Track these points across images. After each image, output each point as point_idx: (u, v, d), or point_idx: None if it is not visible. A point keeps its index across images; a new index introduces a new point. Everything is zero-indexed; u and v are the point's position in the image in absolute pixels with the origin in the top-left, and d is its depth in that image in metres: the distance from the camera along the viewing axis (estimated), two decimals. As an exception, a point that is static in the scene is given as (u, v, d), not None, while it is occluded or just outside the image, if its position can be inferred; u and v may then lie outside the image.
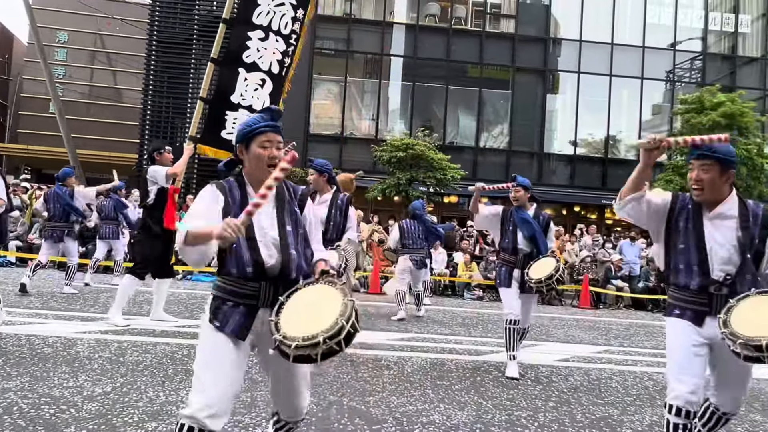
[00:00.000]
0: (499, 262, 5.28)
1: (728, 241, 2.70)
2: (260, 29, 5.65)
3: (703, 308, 2.70)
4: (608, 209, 20.34)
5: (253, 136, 2.30)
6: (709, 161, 2.67)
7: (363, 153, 19.51)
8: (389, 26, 20.59)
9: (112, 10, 24.18)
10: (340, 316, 1.97)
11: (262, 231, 2.26)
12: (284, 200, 2.35)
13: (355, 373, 4.57)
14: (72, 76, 26.18)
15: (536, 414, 3.83)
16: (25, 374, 3.80)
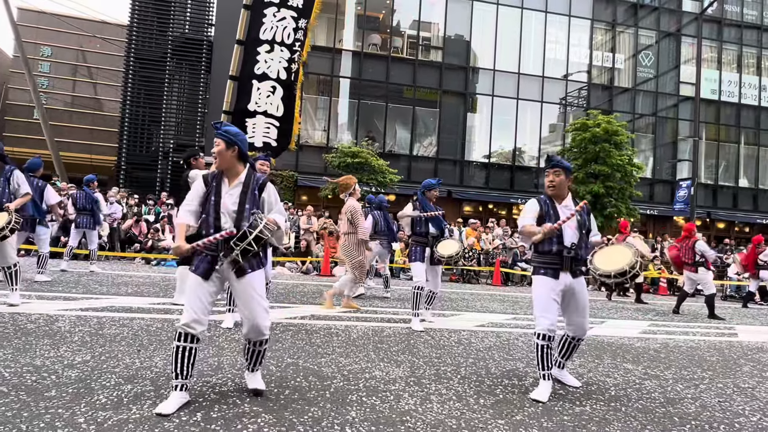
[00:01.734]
0: (414, 243, 5.61)
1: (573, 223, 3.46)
2: (266, 43, 5.53)
3: (558, 266, 3.41)
4: (515, 206, 21.00)
5: None
6: (559, 169, 3.51)
7: (316, 159, 19.27)
8: (339, 52, 20.37)
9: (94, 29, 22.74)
10: (247, 227, 2.73)
11: (225, 207, 2.81)
12: (248, 187, 2.85)
13: (309, 339, 4.49)
14: (55, 86, 24.47)
15: (459, 368, 3.88)
16: (8, 347, 3.51)
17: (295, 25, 5.65)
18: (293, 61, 5.70)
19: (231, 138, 2.82)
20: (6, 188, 5.11)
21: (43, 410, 2.48)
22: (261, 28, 5.57)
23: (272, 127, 5.75)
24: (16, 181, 5.15)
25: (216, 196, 2.82)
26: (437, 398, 3.13)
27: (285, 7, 5.51)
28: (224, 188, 2.84)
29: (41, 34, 23.66)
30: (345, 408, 2.84)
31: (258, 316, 2.82)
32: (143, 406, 2.63)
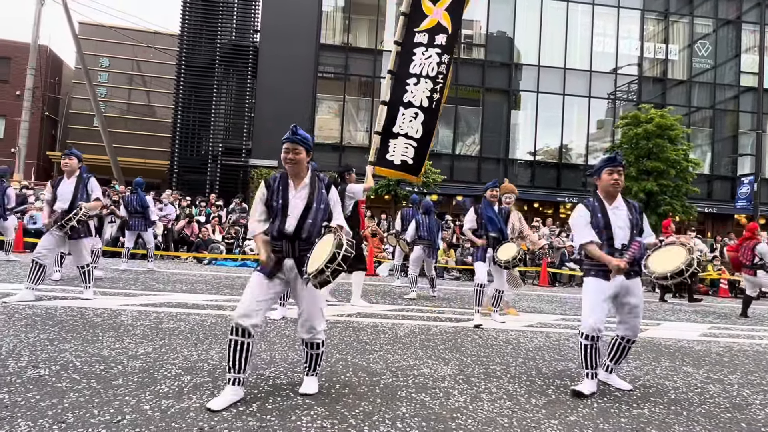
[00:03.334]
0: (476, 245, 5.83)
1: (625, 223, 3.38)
2: (414, 77, 6.26)
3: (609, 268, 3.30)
4: (562, 205, 20.44)
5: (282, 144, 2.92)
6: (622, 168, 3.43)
7: (359, 159, 19.43)
8: (380, 53, 20.49)
9: (148, 39, 23.87)
10: (333, 247, 2.60)
11: (294, 208, 2.87)
12: (315, 188, 2.93)
13: (357, 336, 4.54)
14: (113, 95, 25.81)
15: (508, 368, 3.83)
16: (78, 338, 3.74)
17: (439, 60, 6.27)
18: (435, 90, 6.32)
19: (309, 145, 2.94)
20: (83, 193, 5.43)
21: (112, 397, 2.64)
22: (411, 64, 6.26)
23: (410, 147, 6.40)
24: (92, 187, 5.49)
25: (283, 200, 2.86)
26: (487, 396, 3.10)
27: (432, 47, 6.24)
28: (291, 192, 2.89)
29: (100, 46, 25.02)
30: (395, 403, 2.87)
31: (314, 316, 2.90)
32: (202, 396, 2.75)
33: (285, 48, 19.23)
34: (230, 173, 20.11)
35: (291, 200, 2.87)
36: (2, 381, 2.74)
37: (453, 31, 6.35)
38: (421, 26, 6.28)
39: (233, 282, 8.05)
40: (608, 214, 3.39)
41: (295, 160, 2.88)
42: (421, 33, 6.27)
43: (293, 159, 2.88)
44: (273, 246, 2.87)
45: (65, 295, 5.50)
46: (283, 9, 19.57)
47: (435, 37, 6.27)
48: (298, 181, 2.93)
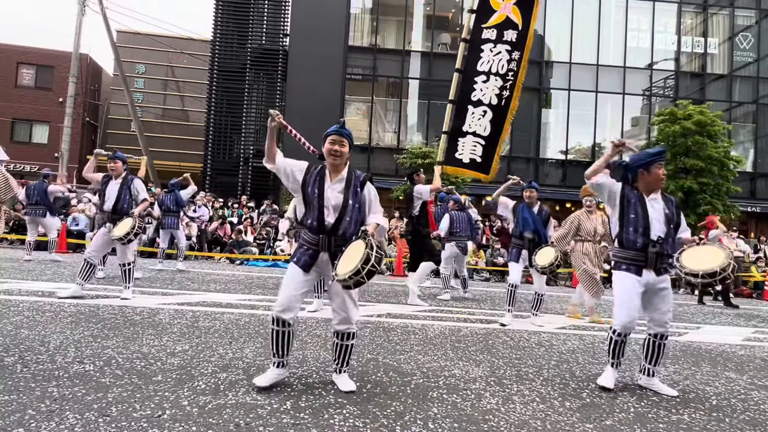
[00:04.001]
0: (512, 245, 5.83)
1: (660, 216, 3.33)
2: (483, 74, 6.27)
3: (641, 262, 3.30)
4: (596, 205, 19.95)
5: (327, 136, 3.03)
6: None
7: (387, 160, 19.51)
8: (407, 54, 20.50)
9: (181, 45, 24.55)
10: (360, 261, 2.67)
11: (329, 201, 2.94)
12: (351, 183, 3.00)
13: (387, 336, 4.56)
14: (148, 100, 26.64)
15: (541, 370, 3.78)
16: (119, 336, 3.89)
17: (509, 57, 6.26)
18: (505, 88, 6.31)
19: (352, 141, 3.08)
20: (127, 195, 5.65)
21: (152, 392, 2.73)
22: (479, 61, 6.26)
23: (479, 145, 6.46)
24: (136, 188, 5.71)
25: (319, 190, 2.95)
26: (520, 399, 3.07)
27: (501, 42, 6.18)
28: (327, 183, 2.97)
29: (136, 53, 25.87)
30: (426, 404, 2.87)
31: (349, 308, 2.99)
32: (238, 393, 2.82)
33: (314, 50, 19.45)
34: (261, 175, 20.46)
35: (326, 190, 2.95)
36: (51, 375, 2.88)
37: (524, 27, 6.25)
38: (489, 22, 6.19)
39: (265, 282, 8.19)
40: (646, 205, 3.35)
41: (340, 152, 2.97)
42: (490, 29, 6.21)
43: (338, 151, 2.97)
44: (309, 239, 2.96)
45: (107, 294, 5.73)
46: (311, 12, 19.80)
47: (504, 32, 6.19)
48: (335, 175, 3.01)
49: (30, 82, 24.49)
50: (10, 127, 23.81)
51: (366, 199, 3.05)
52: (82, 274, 5.36)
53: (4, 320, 4.11)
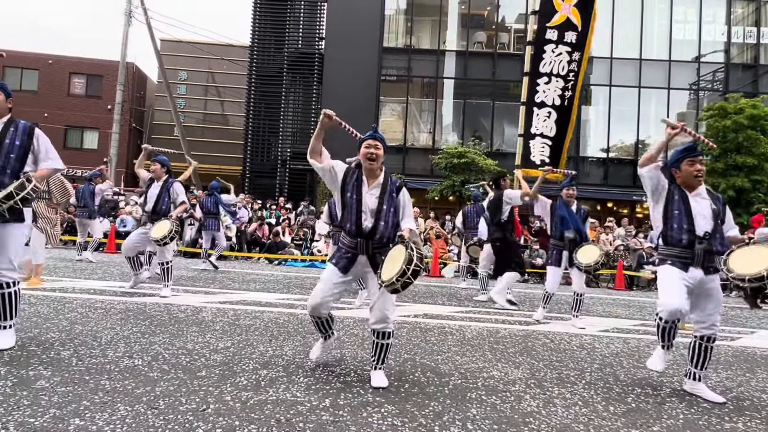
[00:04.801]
0: (551, 246, 5.64)
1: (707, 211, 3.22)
2: (545, 76, 6.35)
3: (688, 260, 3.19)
4: (639, 204, 19.29)
5: (362, 141, 3.14)
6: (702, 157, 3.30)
7: (422, 160, 19.46)
8: (442, 54, 20.40)
9: (221, 52, 25.27)
10: (403, 263, 2.77)
11: (366, 206, 3.04)
12: (386, 189, 3.09)
13: (424, 337, 4.55)
14: (190, 105, 27.53)
15: (583, 373, 3.68)
16: (165, 332, 4.04)
17: (569, 58, 6.40)
18: (567, 89, 6.44)
19: (386, 144, 3.17)
20: (166, 197, 5.87)
21: (197, 387, 2.82)
22: (541, 63, 6.44)
23: (546, 146, 6.61)
24: (175, 191, 5.90)
25: (357, 195, 3.05)
26: (561, 402, 3.00)
27: (562, 43, 6.25)
28: (365, 188, 3.08)
29: (178, 60, 26.80)
30: (465, 405, 2.85)
31: (387, 307, 3.07)
32: (278, 389, 2.88)
33: (349, 53, 19.63)
34: (298, 177, 20.80)
35: (364, 195, 3.05)
36: (103, 369, 3.02)
37: (583, 28, 6.26)
38: (552, 21, 6.27)
39: (302, 282, 8.32)
40: (690, 201, 3.24)
41: (376, 156, 3.07)
42: (552, 29, 6.27)
43: (374, 154, 3.07)
44: (348, 243, 3.09)
45: (153, 293, 5.95)
46: (346, 15, 20.00)
47: (564, 34, 6.25)
48: (372, 180, 3.13)
49: (81, 91, 25.75)
50: (63, 134, 25.09)
51: (401, 204, 3.16)
52: (133, 268, 5.81)
53: (60, 316, 4.34)
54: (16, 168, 3.24)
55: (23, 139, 3.27)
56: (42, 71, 25.23)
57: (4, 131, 3.23)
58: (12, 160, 3.22)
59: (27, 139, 3.29)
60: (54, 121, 24.51)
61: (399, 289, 2.80)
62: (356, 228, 3.04)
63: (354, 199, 3.05)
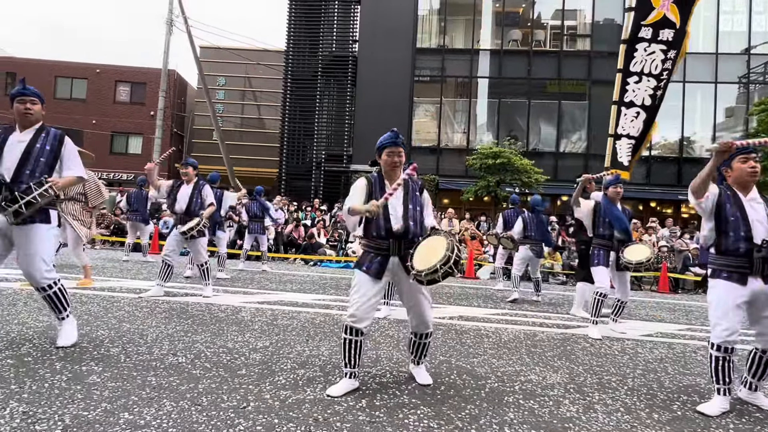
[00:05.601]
0: (596, 246, 5.38)
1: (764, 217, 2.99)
2: (635, 75, 6.33)
3: (746, 269, 2.95)
4: (684, 204, 18.54)
5: (383, 148, 3.06)
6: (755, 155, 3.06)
7: (456, 161, 19.32)
8: (476, 53, 20.20)
9: (257, 57, 25.84)
10: (446, 250, 2.71)
11: (393, 208, 3.01)
12: (409, 188, 3.09)
13: (460, 339, 4.53)
14: (228, 110, 28.27)
15: (625, 379, 3.57)
16: (206, 331, 4.17)
17: (664, 57, 6.19)
18: (659, 88, 6.24)
19: (405, 148, 3.17)
20: (198, 198, 6.07)
21: (237, 385, 2.91)
22: (632, 61, 6.23)
23: (631, 146, 6.46)
24: (206, 193, 6.11)
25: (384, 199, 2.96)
26: (602, 408, 2.93)
27: (655, 42, 6.14)
28: (388, 191, 3.01)
29: (217, 66, 27.59)
30: (502, 409, 2.82)
31: (425, 310, 3.08)
32: (315, 389, 2.92)
33: (382, 55, 19.71)
34: (333, 179, 21.03)
35: (389, 199, 2.98)
36: (149, 365, 3.14)
37: (681, 24, 6.09)
38: (648, 19, 6.05)
39: (338, 283, 8.41)
40: (744, 206, 3.01)
41: (399, 163, 3.07)
42: (646, 27, 6.06)
43: (397, 162, 3.06)
44: (379, 244, 2.99)
45: (194, 292, 6.15)
46: (379, 17, 20.09)
47: (660, 32, 6.05)
48: (393, 182, 3.07)
49: (126, 98, 26.85)
50: (109, 140, 26.22)
51: (425, 202, 3.16)
52: (161, 275, 5.79)
53: (109, 314, 4.55)
54: (45, 173, 3.33)
55: (54, 144, 3.38)
56: (90, 80, 26.46)
57: (36, 137, 3.35)
58: (42, 165, 3.32)
59: (58, 146, 3.39)
60: (101, 127, 25.66)
61: (438, 278, 2.68)
62: (386, 231, 2.99)
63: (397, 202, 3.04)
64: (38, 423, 2.24)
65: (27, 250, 3.28)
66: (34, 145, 3.33)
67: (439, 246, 2.78)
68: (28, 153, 3.30)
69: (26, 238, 3.28)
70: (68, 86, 26.12)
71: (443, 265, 2.67)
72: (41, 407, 2.40)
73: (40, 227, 3.32)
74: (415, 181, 3.15)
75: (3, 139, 3.33)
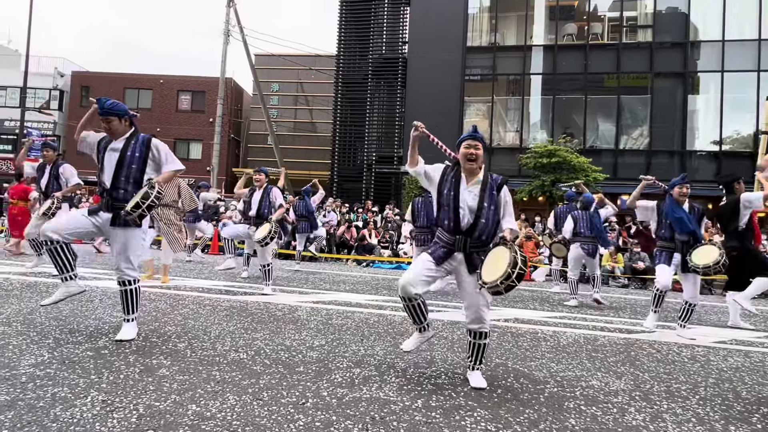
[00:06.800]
0: (658, 248, 5.21)
1: None
2: None
3: None
4: (759, 202, 17.21)
5: (462, 141, 3.15)
6: None
7: (508, 161, 18.93)
8: (529, 49, 19.72)
9: (309, 62, 26.46)
10: (507, 266, 2.75)
11: (464, 202, 3.03)
12: (487, 185, 3.07)
13: (516, 342, 4.43)
14: (282, 115, 29.14)
15: (696, 388, 3.37)
16: (265, 329, 4.31)
17: None
18: None
19: (485, 143, 3.22)
20: (267, 202, 6.37)
21: (296, 382, 2.98)
22: None
23: None
24: (274, 196, 6.42)
25: (455, 191, 3.07)
26: (671, 418, 2.78)
27: None
28: (462, 185, 3.09)
29: (271, 73, 28.50)
30: (563, 414, 2.73)
31: (481, 307, 3.08)
32: (371, 388, 2.95)
33: (432, 55, 19.64)
34: (383, 180, 21.17)
35: (462, 192, 3.05)
36: (213, 361, 3.29)
37: None
38: None
39: (390, 284, 8.45)
40: None
41: (476, 155, 3.09)
42: None
43: (474, 154, 3.08)
44: (447, 239, 3.06)
45: (253, 291, 6.38)
46: (429, 17, 20.04)
47: None
48: (471, 178, 3.12)
49: (187, 107, 28.25)
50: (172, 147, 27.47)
51: (501, 202, 3.10)
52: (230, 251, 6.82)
53: (175, 312, 4.80)
54: (137, 177, 3.65)
55: (142, 150, 3.66)
56: (155, 90, 28.04)
57: (126, 145, 3.65)
58: (134, 171, 3.63)
59: (145, 150, 3.68)
60: (165, 135, 27.10)
61: (502, 291, 2.79)
62: (454, 225, 3.03)
63: (451, 195, 3.06)
64: (116, 411, 2.39)
65: (119, 248, 3.64)
66: (126, 152, 3.63)
67: (503, 259, 2.81)
68: (122, 160, 3.61)
69: (121, 238, 3.62)
70: (135, 97, 27.77)
71: (505, 280, 2.75)
72: (118, 396, 2.57)
73: (134, 230, 3.65)
74: (495, 178, 3.13)
75: (104, 146, 3.66)
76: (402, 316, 5.28)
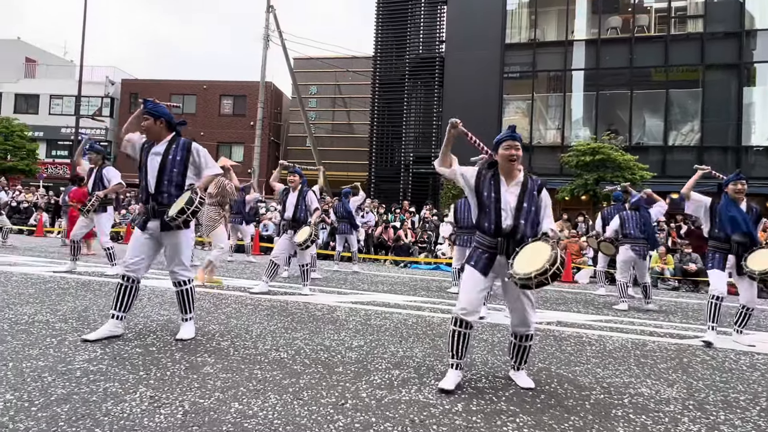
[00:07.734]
0: (711, 249, 4.91)
1: None
2: None
3: None
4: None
5: (500, 142, 3.10)
6: None
7: (550, 159, 18.46)
8: (570, 44, 19.18)
9: (346, 64, 26.69)
10: (546, 261, 2.67)
11: (506, 203, 2.99)
12: (527, 187, 3.03)
13: (559, 346, 4.30)
14: (320, 117, 29.52)
15: (756, 398, 3.17)
16: (305, 329, 4.35)
17: None
18: None
19: (523, 144, 3.17)
20: (303, 205, 6.44)
21: (335, 382, 3.00)
22: None
23: None
24: (310, 199, 6.48)
25: (496, 194, 3.03)
26: (729, 429, 2.62)
27: None
28: (503, 187, 3.04)
29: (309, 75, 28.94)
30: (610, 422, 2.62)
31: (527, 310, 3.05)
32: (410, 390, 2.93)
33: (470, 54, 19.41)
34: (421, 181, 21.09)
35: (503, 194, 3.01)
36: (255, 359, 3.35)
37: None
38: None
39: (428, 285, 8.40)
40: None
41: (516, 156, 3.03)
42: None
43: (514, 155, 3.03)
44: (488, 242, 3.02)
45: (293, 291, 6.47)
46: (466, 15, 19.81)
47: None
48: (511, 179, 3.06)
49: (229, 111, 29.06)
50: (215, 150, 28.49)
51: (542, 204, 3.06)
52: (268, 273, 6.23)
53: (218, 311, 4.93)
54: (179, 180, 3.71)
55: (182, 153, 3.73)
56: (199, 96, 28.98)
57: (168, 149, 3.72)
58: (175, 174, 3.70)
59: (186, 153, 3.74)
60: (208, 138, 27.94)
61: (531, 286, 2.72)
62: (495, 227, 2.98)
63: (493, 198, 3.01)
64: (163, 407, 2.47)
65: (172, 251, 3.75)
66: (167, 156, 3.71)
67: (542, 254, 2.73)
68: (164, 164, 3.69)
69: (173, 241, 3.73)
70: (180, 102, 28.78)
71: (540, 275, 2.67)
72: (164, 393, 2.65)
73: (185, 233, 3.75)
74: (535, 179, 3.09)
75: (147, 149, 3.75)
76: (441, 318, 5.23)
